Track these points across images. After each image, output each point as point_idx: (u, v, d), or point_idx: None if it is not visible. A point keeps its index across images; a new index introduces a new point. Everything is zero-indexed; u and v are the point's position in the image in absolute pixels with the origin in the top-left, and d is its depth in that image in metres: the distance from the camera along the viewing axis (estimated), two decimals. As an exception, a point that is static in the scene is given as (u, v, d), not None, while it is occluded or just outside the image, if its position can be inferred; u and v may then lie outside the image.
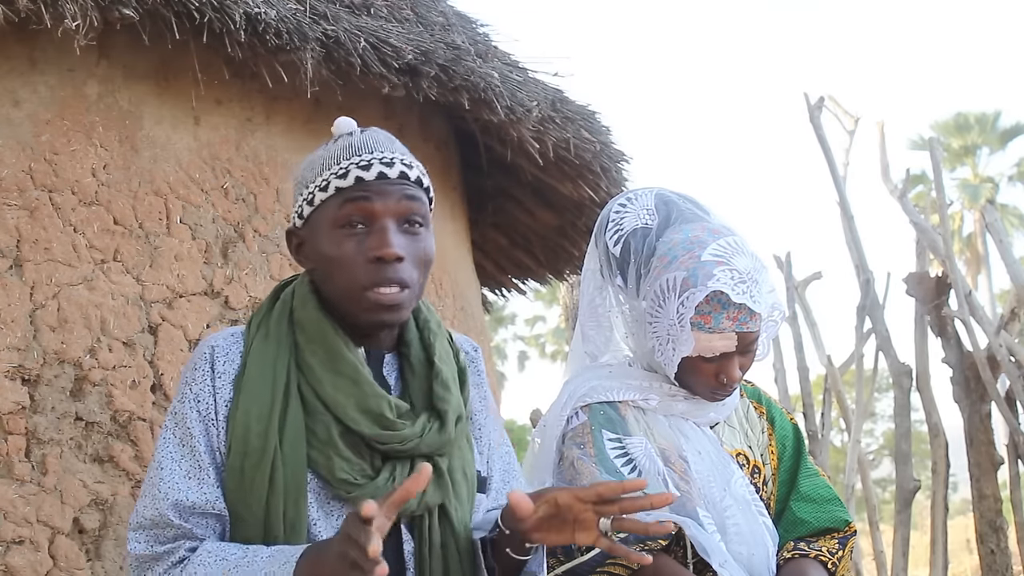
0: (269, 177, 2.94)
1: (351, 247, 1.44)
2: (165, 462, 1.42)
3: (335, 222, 1.45)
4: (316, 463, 1.42)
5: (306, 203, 1.48)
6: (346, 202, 1.44)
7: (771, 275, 1.82)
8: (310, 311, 1.48)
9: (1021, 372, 4.45)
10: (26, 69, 2.51)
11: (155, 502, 1.40)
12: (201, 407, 1.43)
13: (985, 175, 22.60)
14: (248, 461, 1.40)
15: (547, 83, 3.63)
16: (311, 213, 1.48)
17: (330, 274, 1.46)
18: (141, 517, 1.41)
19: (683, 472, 1.78)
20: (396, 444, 1.44)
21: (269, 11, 2.60)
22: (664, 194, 1.89)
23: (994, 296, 19.55)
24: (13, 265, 2.37)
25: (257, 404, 1.42)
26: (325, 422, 1.43)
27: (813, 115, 5.75)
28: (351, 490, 1.41)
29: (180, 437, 1.43)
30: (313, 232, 1.48)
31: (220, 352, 1.47)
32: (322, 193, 1.46)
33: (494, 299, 5.59)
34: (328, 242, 1.45)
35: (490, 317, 8.18)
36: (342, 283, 1.45)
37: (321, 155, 1.50)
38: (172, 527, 1.39)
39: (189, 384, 1.45)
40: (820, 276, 6.08)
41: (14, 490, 2.25)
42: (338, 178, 1.45)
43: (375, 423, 1.43)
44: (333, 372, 1.44)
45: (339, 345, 1.46)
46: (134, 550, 1.40)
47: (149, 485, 1.42)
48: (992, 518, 4.54)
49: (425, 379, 1.52)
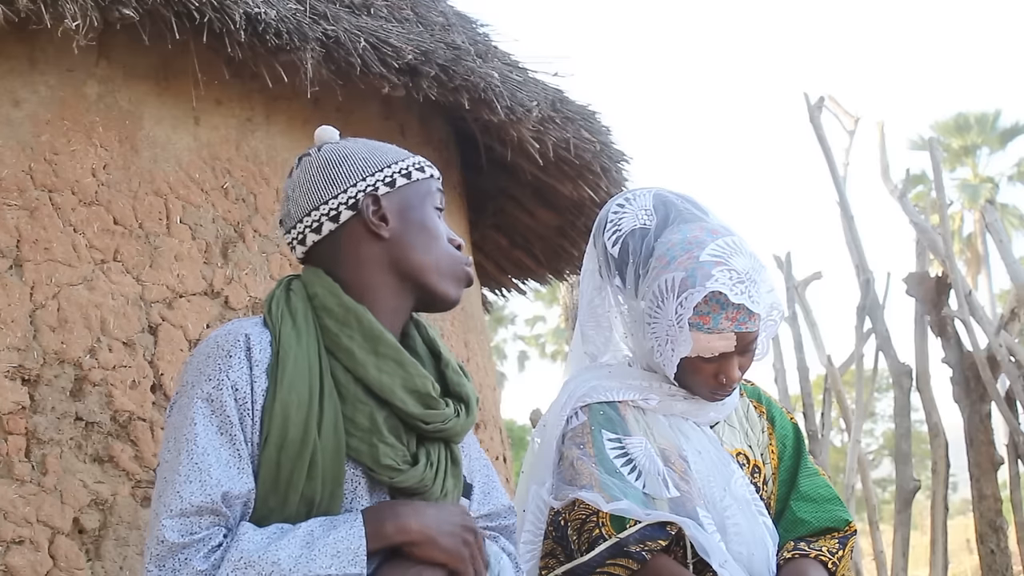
0: (269, 177, 2.94)
1: (442, 226, 1.57)
2: (210, 448, 1.36)
3: (433, 201, 1.57)
4: (357, 452, 1.42)
5: (400, 175, 1.54)
6: (437, 189, 1.59)
7: (770, 275, 1.82)
8: (339, 296, 1.47)
9: (1021, 372, 4.46)
10: (26, 69, 2.51)
11: (205, 488, 1.33)
12: (239, 396, 1.40)
13: (985, 175, 22.58)
14: (286, 453, 1.38)
15: (547, 83, 3.63)
16: (405, 185, 1.54)
17: (426, 242, 1.53)
18: (187, 503, 1.33)
19: (683, 472, 1.78)
20: (439, 423, 1.46)
21: (269, 11, 2.60)
22: (662, 194, 1.89)
23: (994, 296, 19.54)
24: (13, 265, 2.37)
25: (296, 394, 1.40)
26: (367, 409, 1.42)
27: (813, 115, 5.75)
28: (394, 476, 1.42)
29: (219, 424, 1.38)
30: (406, 201, 1.54)
31: (254, 340, 1.44)
32: (419, 172, 1.56)
33: (494, 299, 5.59)
34: (427, 215, 1.55)
35: (490, 317, 8.18)
36: (439, 252, 1.54)
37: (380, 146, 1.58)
38: (215, 515, 1.34)
39: (225, 371, 1.40)
40: (820, 276, 6.09)
41: (14, 490, 2.25)
42: (428, 166, 1.60)
43: (421, 403, 1.45)
44: (375, 355, 1.44)
45: (377, 328, 1.46)
46: (168, 537, 1.31)
47: (194, 471, 1.34)
48: (992, 518, 4.54)
49: (434, 369, 1.55)
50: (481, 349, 4.01)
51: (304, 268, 1.56)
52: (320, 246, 1.52)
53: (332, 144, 1.57)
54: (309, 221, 1.52)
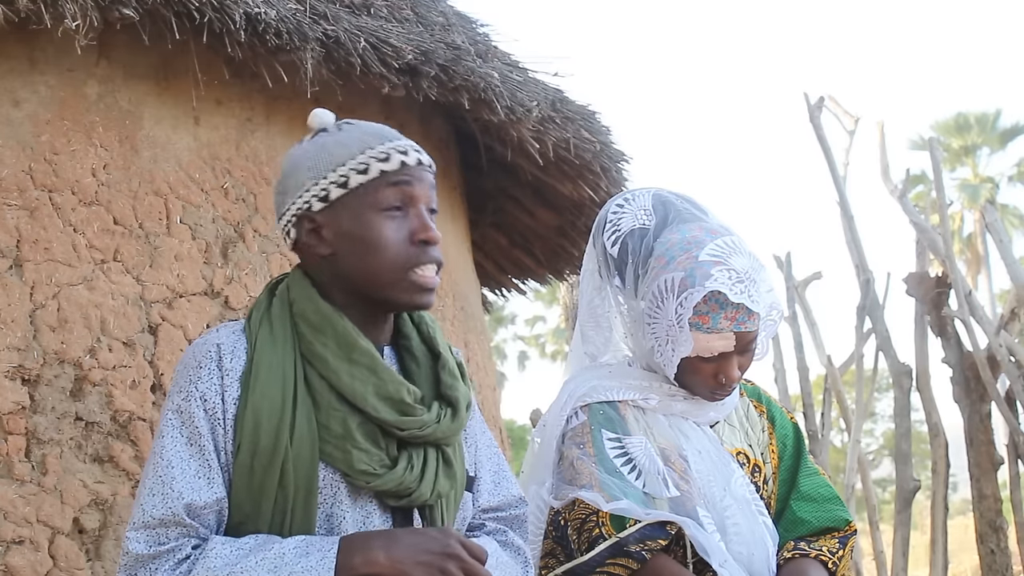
0: (269, 177, 2.94)
1: (391, 229, 1.45)
2: (175, 461, 1.39)
3: (375, 205, 1.45)
4: (332, 458, 1.42)
5: (335, 185, 1.46)
6: (389, 185, 1.46)
7: (769, 274, 1.82)
8: (315, 303, 1.47)
9: (1021, 372, 4.46)
10: (26, 69, 2.51)
11: (167, 501, 1.36)
12: (208, 406, 1.41)
13: (985, 175, 22.58)
14: (258, 460, 1.39)
15: (547, 83, 3.63)
16: (341, 196, 1.47)
17: (363, 256, 1.45)
18: (148, 516, 1.36)
19: (683, 471, 1.78)
20: (415, 430, 1.44)
21: (269, 11, 2.60)
22: (662, 194, 1.89)
23: (994, 296, 19.54)
24: (13, 265, 2.37)
25: (268, 401, 1.41)
26: (339, 415, 1.42)
27: (813, 115, 5.75)
28: (370, 480, 1.42)
29: (188, 436, 1.40)
30: (340, 215, 1.46)
31: (226, 349, 1.45)
32: (360, 176, 1.46)
33: (494, 299, 5.59)
34: (365, 224, 1.45)
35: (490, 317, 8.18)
36: (380, 265, 1.45)
37: (338, 141, 1.49)
38: (180, 527, 1.36)
39: (194, 383, 1.42)
40: (820, 276, 6.08)
41: (14, 490, 2.25)
42: (380, 161, 1.46)
43: (395, 410, 1.43)
44: (348, 361, 1.43)
45: (352, 334, 1.45)
46: (134, 549, 1.35)
47: (157, 483, 1.37)
48: (992, 518, 4.54)
49: (431, 369, 1.54)
50: (481, 349, 4.01)
51: (293, 269, 1.56)
52: (296, 249, 1.53)
53: (299, 144, 1.54)
54: (280, 227, 1.53)
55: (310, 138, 1.53)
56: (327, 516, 1.42)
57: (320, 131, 1.53)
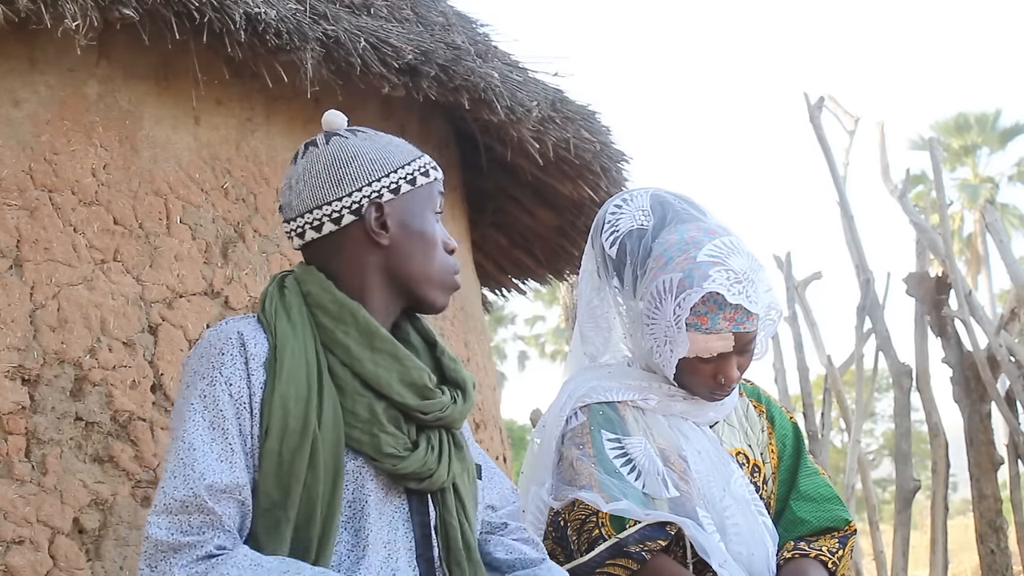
0: (269, 177, 2.94)
1: (440, 233, 1.57)
2: (197, 443, 1.37)
3: (432, 207, 1.57)
4: (358, 442, 1.44)
5: (404, 181, 1.53)
6: (438, 194, 1.59)
7: (767, 274, 1.82)
8: (332, 292, 1.49)
9: (1021, 372, 4.46)
10: (26, 69, 2.51)
11: (188, 482, 1.34)
12: (233, 391, 1.41)
13: (985, 175, 22.58)
14: (287, 444, 1.40)
15: (547, 83, 3.63)
16: (408, 192, 1.54)
17: (423, 251, 1.54)
18: (170, 499, 1.34)
19: (683, 472, 1.78)
20: (437, 412, 1.49)
21: (269, 11, 2.60)
22: (660, 195, 1.89)
23: (994, 296, 19.54)
24: (13, 265, 2.37)
25: (295, 386, 1.42)
26: (365, 401, 1.45)
27: (813, 115, 5.75)
28: (396, 463, 1.45)
29: (211, 420, 1.39)
30: (408, 210, 1.54)
31: (248, 336, 1.46)
32: (423, 177, 1.56)
33: (494, 299, 5.59)
34: (428, 223, 1.56)
35: (490, 317, 8.18)
36: (432, 262, 1.55)
37: (392, 143, 1.58)
38: (202, 512, 1.34)
39: (218, 368, 1.42)
40: (820, 276, 6.08)
41: (14, 490, 2.25)
42: (434, 169, 1.59)
43: (417, 395, 1.47)
44: (371, 349, 1.47)
45: (373, 324, 1.48)
46: (155, 535, 1.32)
47: (179, 466, 1.36)
48: (992, 518, 4.54)
49: (430, 357, 1.58)
50: (481, 349, 4.01)
51: (297, 264, 1.57)
52: (318, 243, 1.53)
53: (340, 139, 1.55)
54: (310, 218, 1.52)
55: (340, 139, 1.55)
56: (349, 502, 1.45)
57: (334, 135, 1.56)
